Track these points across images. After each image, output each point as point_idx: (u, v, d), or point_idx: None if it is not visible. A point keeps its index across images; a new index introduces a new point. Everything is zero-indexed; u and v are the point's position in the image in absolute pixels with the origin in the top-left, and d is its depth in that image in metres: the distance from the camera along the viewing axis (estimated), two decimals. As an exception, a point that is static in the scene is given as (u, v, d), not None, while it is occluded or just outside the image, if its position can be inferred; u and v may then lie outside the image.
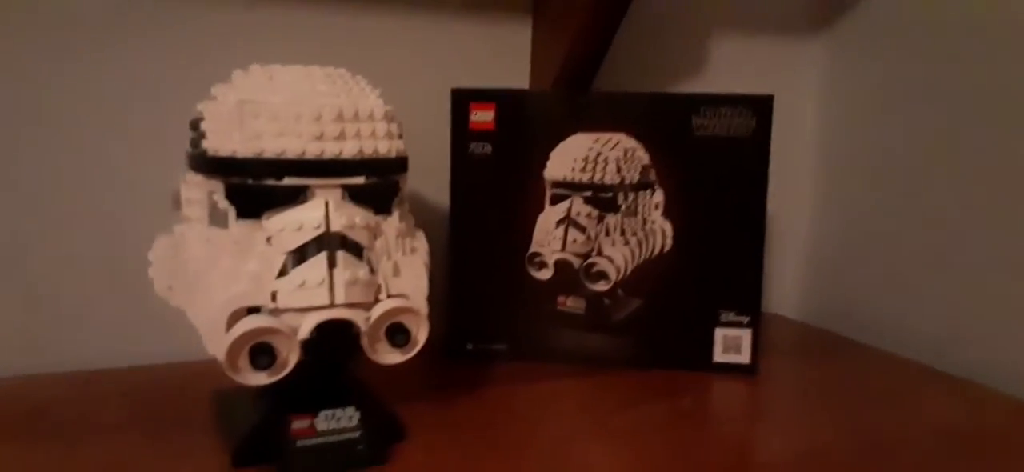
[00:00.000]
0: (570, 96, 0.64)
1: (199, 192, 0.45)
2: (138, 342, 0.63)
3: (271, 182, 0.43)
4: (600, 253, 0.63)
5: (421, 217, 0.68)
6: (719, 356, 0.64)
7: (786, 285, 0.89)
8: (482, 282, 0.65)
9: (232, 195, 0.43)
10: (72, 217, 0.61)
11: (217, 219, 0.44)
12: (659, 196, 0.63)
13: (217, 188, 0.44)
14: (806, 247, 0.88)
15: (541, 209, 0.64)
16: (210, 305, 0.42)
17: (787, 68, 0.85)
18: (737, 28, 0.82)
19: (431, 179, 0.69)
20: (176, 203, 0.48)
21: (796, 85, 0.86)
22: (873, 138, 0.79)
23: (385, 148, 0.46)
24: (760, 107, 0.61)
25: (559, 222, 0.64)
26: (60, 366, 0.61)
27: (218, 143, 0.44)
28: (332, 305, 0.43)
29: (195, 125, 0.46)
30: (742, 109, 0.61)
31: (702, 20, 0.81)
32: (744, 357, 0.64)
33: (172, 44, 0.62)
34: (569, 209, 0.63)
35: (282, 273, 0.43)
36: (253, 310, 0.43)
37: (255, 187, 0.43)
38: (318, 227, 0.43)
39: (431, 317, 0.47)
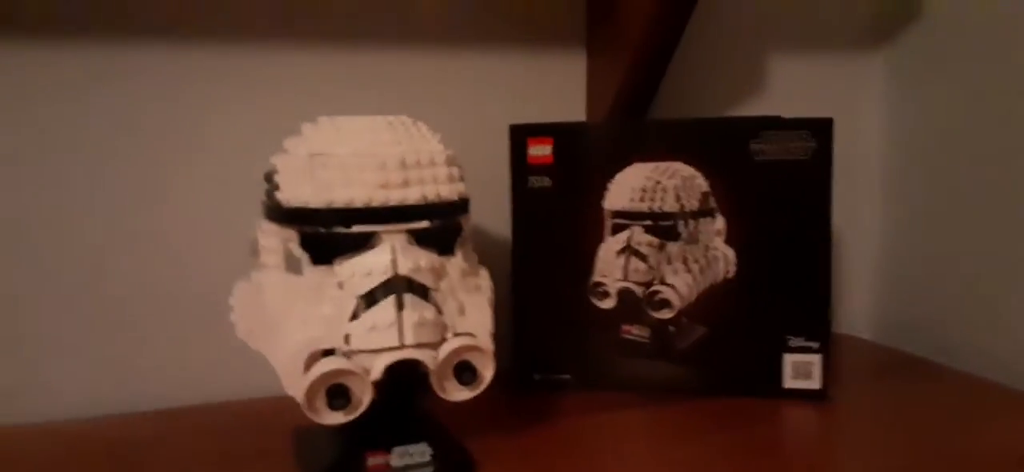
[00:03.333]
0: (626, 125, 0.65)
1: (275, 240, 0.48)
2: (220, 379, 0.66)
3: (341, 230, 0.45)
4: (663, 281, 0.64)
5: (484, 251, 0.70)
6: (789, 382, 0.63)
7: (857, 304, 0.87)
8: (546, 313, 0.66)
9: (305, 243, 0.46)
10: (156, 258, 0.65)
11: (292, 265, 0.47)
12: (720, 222, 0.63)
13: (291, 236, 0.46)
14: (877, 264, 0.86)
15: (602, 239, 0.64)
16: (287, 348, 0.44)
17: (850, 85, 0.84)
18: (796, 48, 0.81)
19: (493, 213, 0.71)
20: (253, 250, 0.51)
21: (860, 100, 0.84)
22: (942, 152, 0.77)
23: (447, 191, 0.48)
24: (820, 130, 0.60)
25: (620, 251, 0.64)
26: (143, 405, 0.64)
27: (291, 194, 0.46)
28: (402, 346, 0.44)
29: (269, 177, 0.49)
30: (801, 133, 0.61)
31: (760, 42, 0.80)
32: (815, 382, 0.62)
33: (245, 95, 0.65)
34: (629, 238, 0.64)
35: (354, 316, 0.45)
36: (328, 352, 0.45)
37: (326, 235, 0.45)
38: (386, 272, 0.45)
39: (497, 350, 0.48)
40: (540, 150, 0.65)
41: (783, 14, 0.81)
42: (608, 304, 0.65)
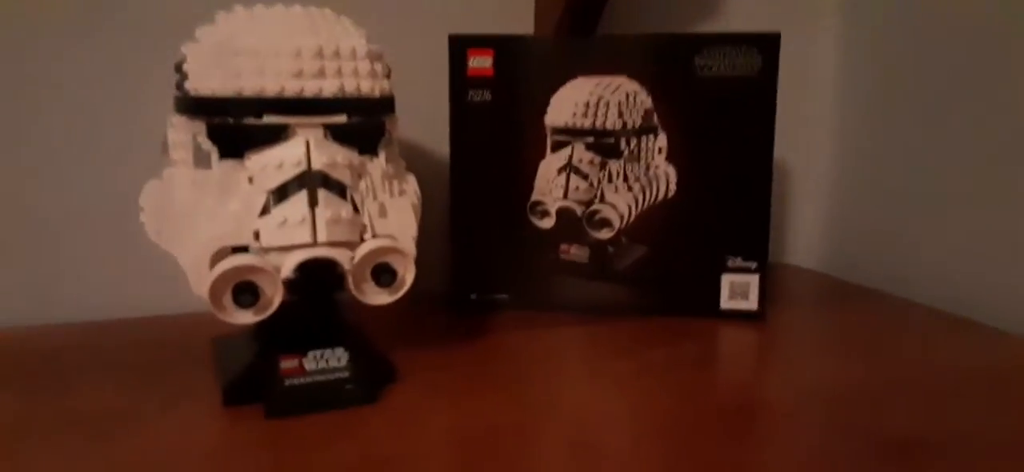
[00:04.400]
0: (570, 40, 0.63)
1: (184, 134, 0.45)
2: (146, 293, 0.64)
3: (251, 121, 0.43)
4: (603, 200, 0.62)
5: (420, 167, 0.68)
6: (726, 302, 0.62)
7: (803, 234, 0.87)
8: (484, 232, 0.64)
9: (214, 135, 0.43)
10: (76, 170, 0.62)
11: (201, 161, 0.44)
12: (662, 140, 0.61)
13: (200, 129, 0.44)
14: (826, 194, 0.86)
15: (542, 156, 0.63)
16: (194, 245, 0.42)
17: (805, 7, 0.82)
18: (751, -30, 0.79)
19: (431, 128, 0.68)
20: (164, 148, 0.48)
21: (812, 24, 0.83)
22: (893, 79, 0.76)
23: (368, 86, 0.46)
24: (766, 45, 0.59)
25: (561, 169, 0.62)
26: (69, 316, 0.62)
27: (199, 83, 0.44)
28: (314, 244, 0.42)
29: (179, 67, 0.46)
30: (747, 48, 0.59)
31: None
32: (751, 303, 0.62)
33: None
34: (570, 156, 0.62)
35: (264, 212, 0.43)
36: (239, 250, 0.43)
37: (235, 126, 0.43)
38: (298, 165, 0.42)
39: (431, 267, 0.47)
40: (480, 62, 0.62)
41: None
42: (547, 223, 0.64)
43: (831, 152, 0.84)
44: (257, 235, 0.42)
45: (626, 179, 0.62)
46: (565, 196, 0.63)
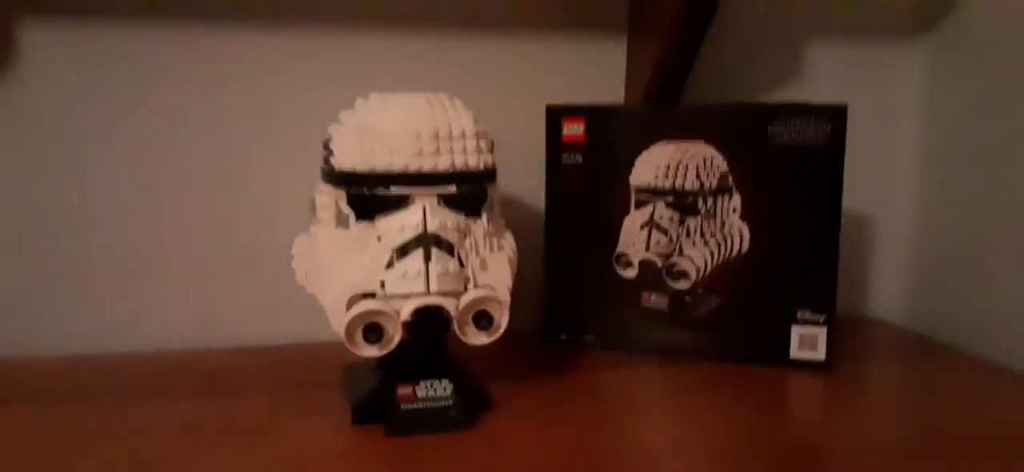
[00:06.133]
0: (653, 110, 0.70)
1: (328, 199, 0.56)
2: (287, 324, 0.76)
3: (381, 191, 0.53)
4: (681, 253, 0.69)
5: (520, 221, 0.77)
6: (795, 352, 0.67)
7: (887, 287, 0.89)
8: (574, 279, 0.72)
9: (352, 201, 0.54)
10: (236, 218, 0.75)
11: (342, 221, 0.55)
12: (736, 200, 0.67)
13: (341, 196, 0.54)
14: (911, 250, 0.88)
15: (627, 213, 0.70)
16: (333, 291, 0.52)
17: (888, 70, 0.86)
18: (833, 34, 0.84)
19: (529, 187, 0.77)
20: (313, 208, 0.59)
21: (898, 85, 0.86)
22: (979, 139, 0.78)
23: (474, 161, 0.55)
24: (834, 116, 0.64)
25: (643, 225, 0.70)
26: (225, 341, 0.75)
27: (342, 160, 0.54)
28: (427, 293, 0.52)
29: (326, 145, 0.57)
30: (816, 119, 0.64)
31: (797, 29, 0.83)
32: (819, 354, 0.67)
33: (307, 75, 0.74)
34: (652, 213, 0.69)
35: (389, 265, 0.52)
36: (368, 295, 0.53)
37: (369, 195, 0.53)
38: (417, 228, 0.52)
39: (527, 310, 0.55)
40: (573, 129, 0.71)
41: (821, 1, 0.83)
42: (631, 273, 0.71)
43: (916, 209, 0.87)
44: (383, 284, 0.52)
45: (703, 235, 0.68)
46: (647, 249, 0.70)
